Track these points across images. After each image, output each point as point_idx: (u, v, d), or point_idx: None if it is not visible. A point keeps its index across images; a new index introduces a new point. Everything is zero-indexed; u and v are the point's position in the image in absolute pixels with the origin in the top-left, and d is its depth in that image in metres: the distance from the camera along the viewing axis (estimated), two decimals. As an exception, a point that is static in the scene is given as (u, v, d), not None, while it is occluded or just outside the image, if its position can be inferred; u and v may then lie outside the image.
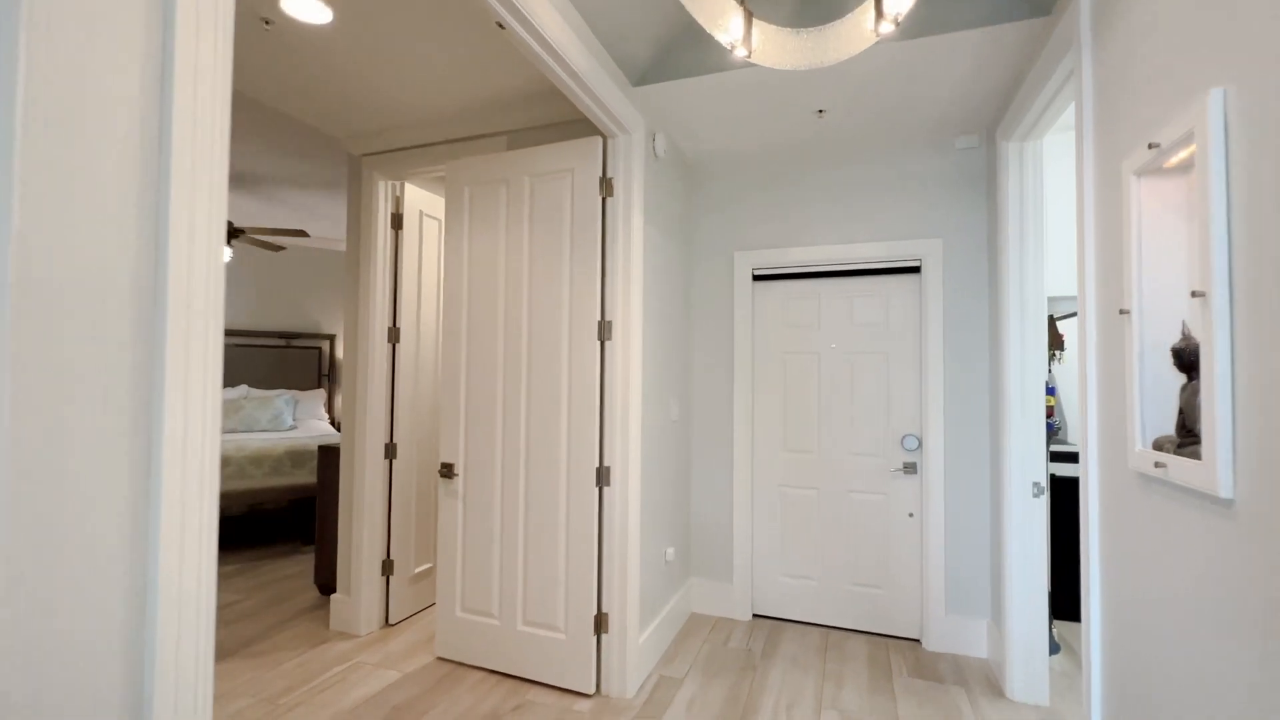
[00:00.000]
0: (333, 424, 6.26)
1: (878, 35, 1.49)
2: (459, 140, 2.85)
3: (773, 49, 1.64)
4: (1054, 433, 3.11)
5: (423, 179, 3.19)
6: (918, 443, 2.91)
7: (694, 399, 3.30)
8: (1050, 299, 3.36)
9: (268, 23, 2.08)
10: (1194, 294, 1.07)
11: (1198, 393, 1.10)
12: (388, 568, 2.99)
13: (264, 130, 3.33)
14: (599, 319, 2.39)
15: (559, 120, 2.69)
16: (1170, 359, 1.23)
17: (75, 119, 0.67)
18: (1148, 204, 1.29)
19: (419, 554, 3.16)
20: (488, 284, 2.57)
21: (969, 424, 2.80)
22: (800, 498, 3.12)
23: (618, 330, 2.39)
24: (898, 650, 2.81)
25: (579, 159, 2.42)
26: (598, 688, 2.39)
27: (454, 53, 2.26)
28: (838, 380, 3.06)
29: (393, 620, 3.01)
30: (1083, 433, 1.61)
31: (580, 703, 2.31)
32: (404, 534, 3.05)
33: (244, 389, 5.42)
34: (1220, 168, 1.04)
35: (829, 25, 1.61)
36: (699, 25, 2.32)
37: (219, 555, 4.08)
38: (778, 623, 3.11)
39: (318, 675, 2.50)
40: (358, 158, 3.03)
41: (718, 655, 2.74)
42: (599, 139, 2.40)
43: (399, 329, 3.03)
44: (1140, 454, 1.27)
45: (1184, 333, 1.18)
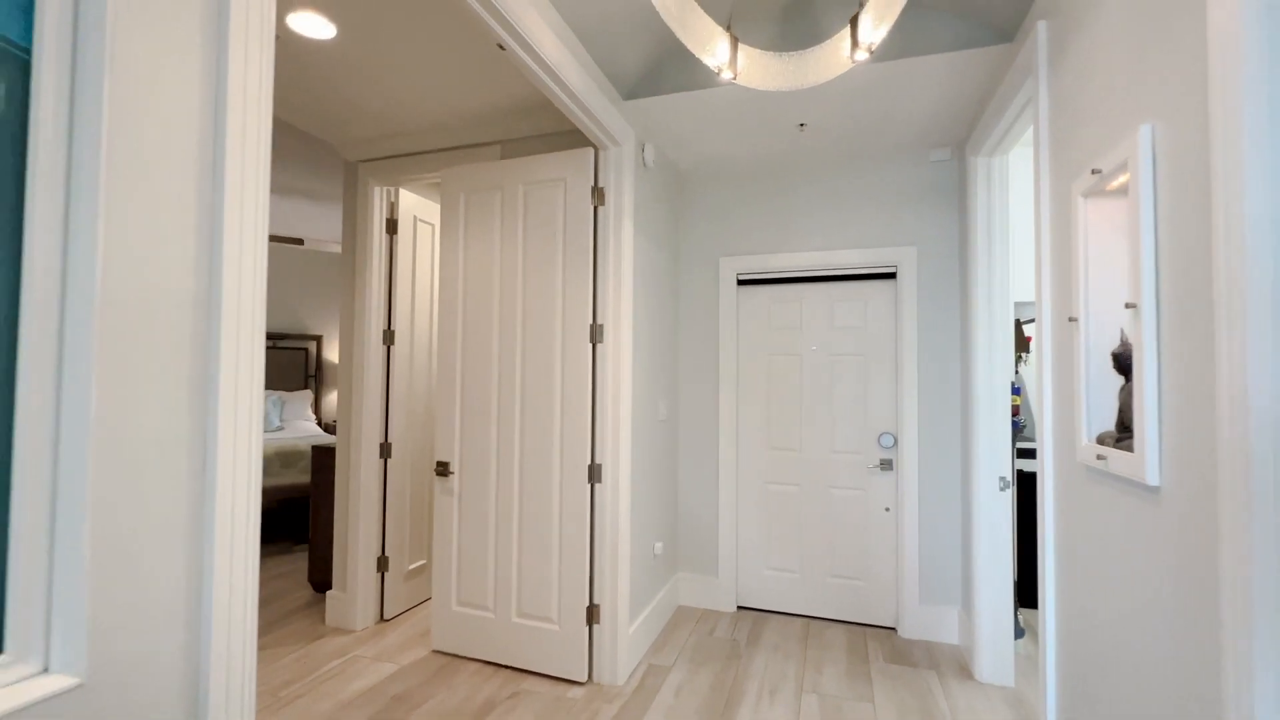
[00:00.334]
0: (320, 424, 6.27)
1: (853, 61, 1.62)
2: (453, 149, 2.94)
3: (756, 71, 1.76)
4: (1020, 430, 3.28)
5: (417, 185, 3.27)
6: (894, 440, 3.06)
7: (681, 399, 3.41)
8: (1017, 304, 3.53)
9: (274, 38, 2.15)
10: (1127, 305, 1.21)
11: (1132, 393, 1.24)
12: (383, 564, 3.07)
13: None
14: (591, 322, 2.49)
15: (551, 131, 2.79)
16: (1110, 362, 1.37)
17: (146, 156, 0.77)
18: (1093, 223, 1.43)
19: (412, 551, 3.23)
20: (483, 288, 2.66)
21: (941, 422, 2.95)
22: (783, 494, 3.25)
23: (609, 333, 2.50)
24: (875, 638, 2.96)
25: (572, 169, 2.53)
26: (590, 676, 2.50)
27: (451, 67, 2.35)
28: (819, 381, 3.20)
29: (387, 616, 3.08)
30: (1039, 429, 1.76)
31: (573, 690, 2.41)
32: (398, 532, 3.13)
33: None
34: (1149, 194, 1.17)
35: (809, 50, 1.73)
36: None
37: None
38: (761, 614, 3.24)
39: (317, 668, 2.57)
40: (354, 164, 3.10)
41: (704, 645, 2.86)
42: (591, 150, 2.50)
43: (393, 331, 3.10)
44: (1086, 448, 1.42)
45: (1122, 339, 1.32)
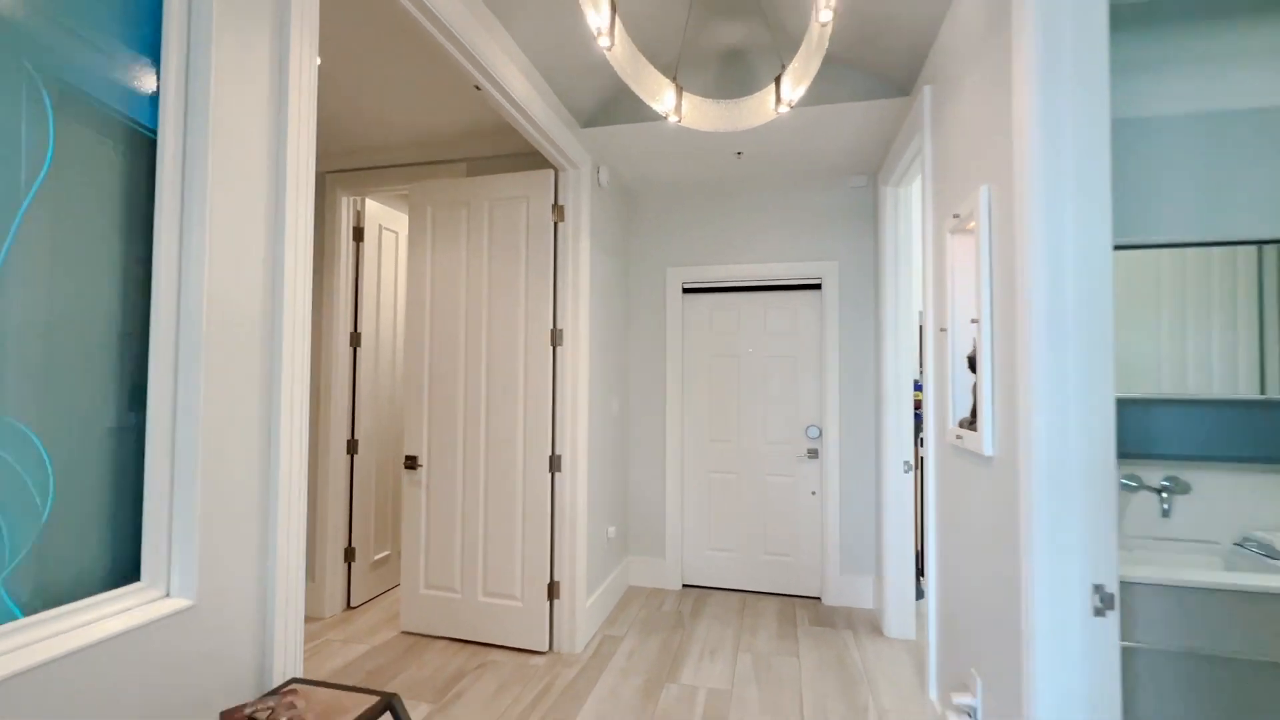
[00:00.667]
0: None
1: (777, 113, 1.96)
2: (420, 164, 3.14)
3: (697, 115, 2.08)
4: (922, 421, 3.76)
5: (383, 195, 3.44)
6: (819, 432, 3.46)
7: (632, 396, 3.72)
8: (920, 313, 4.03)
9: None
10: (973, 320, 1.59)
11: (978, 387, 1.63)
12: (350, 555, 3.23)
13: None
14: (552, 327, 2.76)
15: (514, 152, 3.04)
16: (967, 364, 1.76)
17: (232, 208, 1.01)
18: (957, 254, 1.83)
19: (378, 542, 3.40)
20: (449, 295, 2.88)
21: (859, 415, 3.38)
22: (723, 481, 3.61)
23: (568, 337, 2.78)
24: (802, 606, 3.35)
25: (534, 188, 2.79)
26: (551, 646, 2.76)
27: (421, 91, 2.57)
28: (754, 380, 3.58)
29: (354, 603, 3.25)
30: (925, 419, 2.16)
31: (535, 659, 2.68)
32: (365, 523, 3.30)
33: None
34: (986, 237, 1.56)
35: (742, 100, 2.07)
36: (638, 81, 2.74)
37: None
38: (704, 590, 3.59)
39: (290, 651, 2.72)
40: (321, 174, 3.25)
41: (653, 617, 3.18)
42: (552, 171, 2.78)
43: (360, 334, 3.27)
44: (951, 430, 1.81)
45: (974, 346, 1.71)
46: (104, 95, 0.86)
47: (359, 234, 3.28)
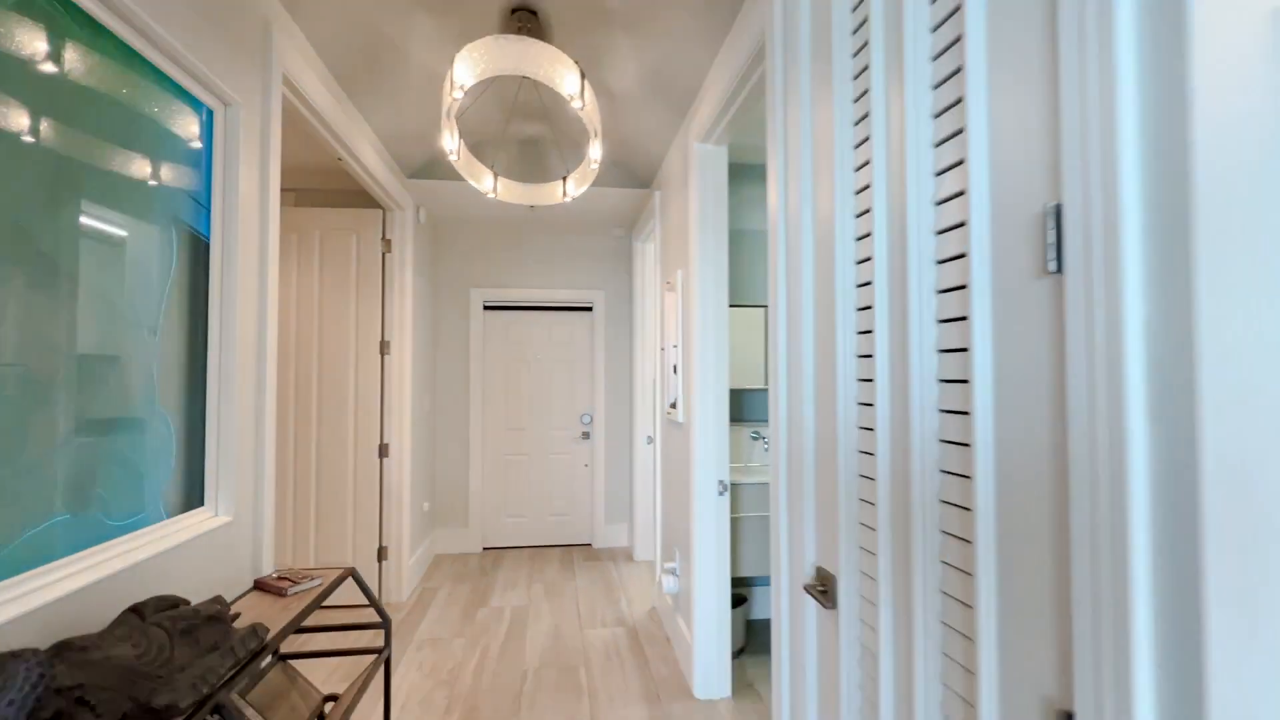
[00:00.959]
0: None
1: (564, 198, 2.96)
2: (243, 186, 3.44)
3: (507, 191, 2.98)
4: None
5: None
6: (590, 418, 4.58)
7: (441, 394, 4.41)
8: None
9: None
10: (674, 345, 2.79)
11: (679, 386, 2.84)
12: (159, 551, 3.37)
13: None
14: (380, 339, 3.38)
15: (341, 188, 3.55)
16: (673, 370, 2.98)
17: (247, 288, 1.65)
18: (668, 303, 3.03)
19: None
20: (280, 309, 3.29)
21: (619, 405, 4.58)
22: (516, 461, 4.52)
23: (395, 347, 3.42)
24: (579, 551, 4.43)
25: (364, 222, 3.37)
26: (381, 598, 3.38)
27: (266, 137, 3.00)
28: (542, 379, 4.55)
29: (163, 598, 3.39)
30: (654, 405, 3.37)
31: (368, 608, 3.28)
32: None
33: None
34: (680, 296, 2.77)
35: (540, 185, 3.02)
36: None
37: None
38: (502, 550, 4.45)
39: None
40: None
41: (461, 572, 3.95)
42: (380, 211, 3.39)
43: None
44: (667, 410, 3.01)
45: (676, 359, 2.93)
46: (189, 220, 1.46)
47: (168, 244, 3.42)
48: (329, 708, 2.07)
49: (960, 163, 0.74)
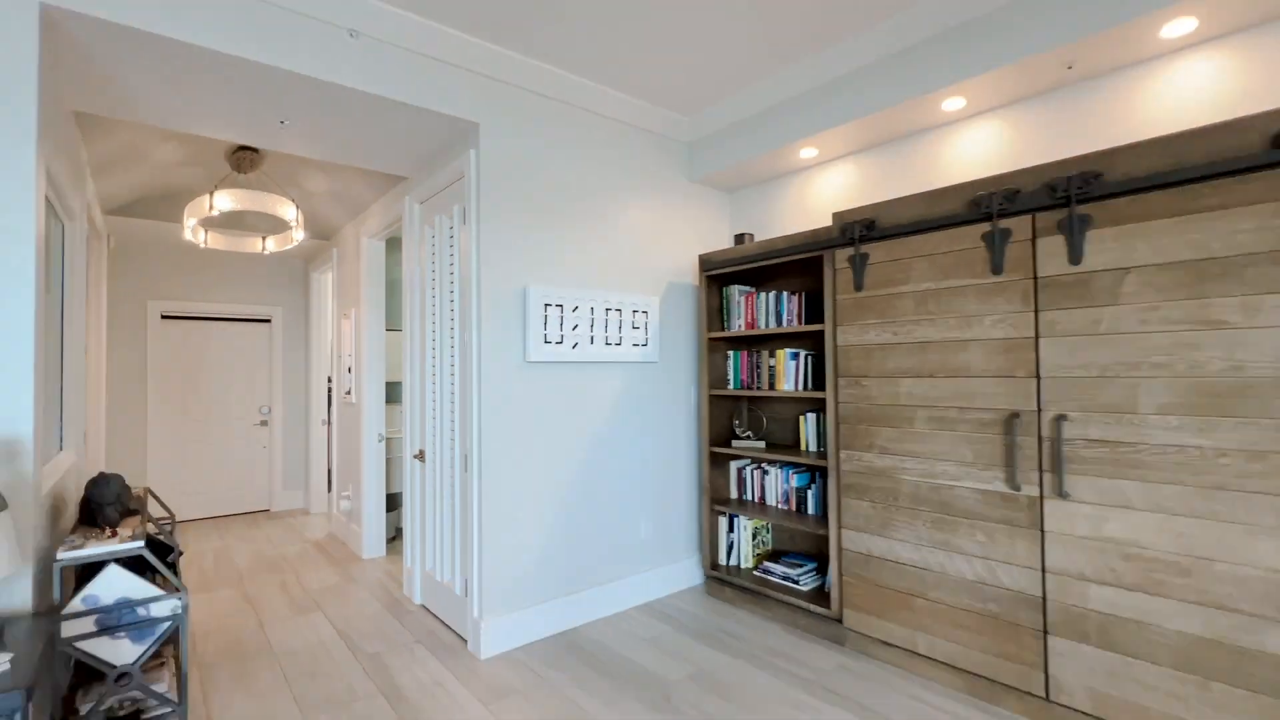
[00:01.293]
0: None
1: (263, 250, 4.33)
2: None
3: (215, 241, 4.21)
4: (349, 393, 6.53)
5: None
6: (269, 410, 5.69)
7: (116, 393, 4.95)
8: (331, 342, 6.78)
9: None
10: (348, 354, 4.47)
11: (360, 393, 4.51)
12: None
13: None
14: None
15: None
16: (348, 368, 4.63)
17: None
18: (344, 326, 4.66)
19: None
20: None
21: (296, 397, 5.81)
22: (197, 448, 5.34)
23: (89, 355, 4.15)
24: (260, 514, 5.52)
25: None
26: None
27: None
28: (222, 378, 5.47)
29: None
30: (334, 393, 4.92)
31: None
32: None
33: None
34: (354, 324, 4.46)
35: (243, 235, 4.31)
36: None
37: None
38: (188, 522, 5.23)
39: None
40: None
41: (147, 540, 4.73)
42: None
43: None
44: (345, 396, 4.64)
45: (350, 361, 4.60)
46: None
47: None
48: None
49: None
